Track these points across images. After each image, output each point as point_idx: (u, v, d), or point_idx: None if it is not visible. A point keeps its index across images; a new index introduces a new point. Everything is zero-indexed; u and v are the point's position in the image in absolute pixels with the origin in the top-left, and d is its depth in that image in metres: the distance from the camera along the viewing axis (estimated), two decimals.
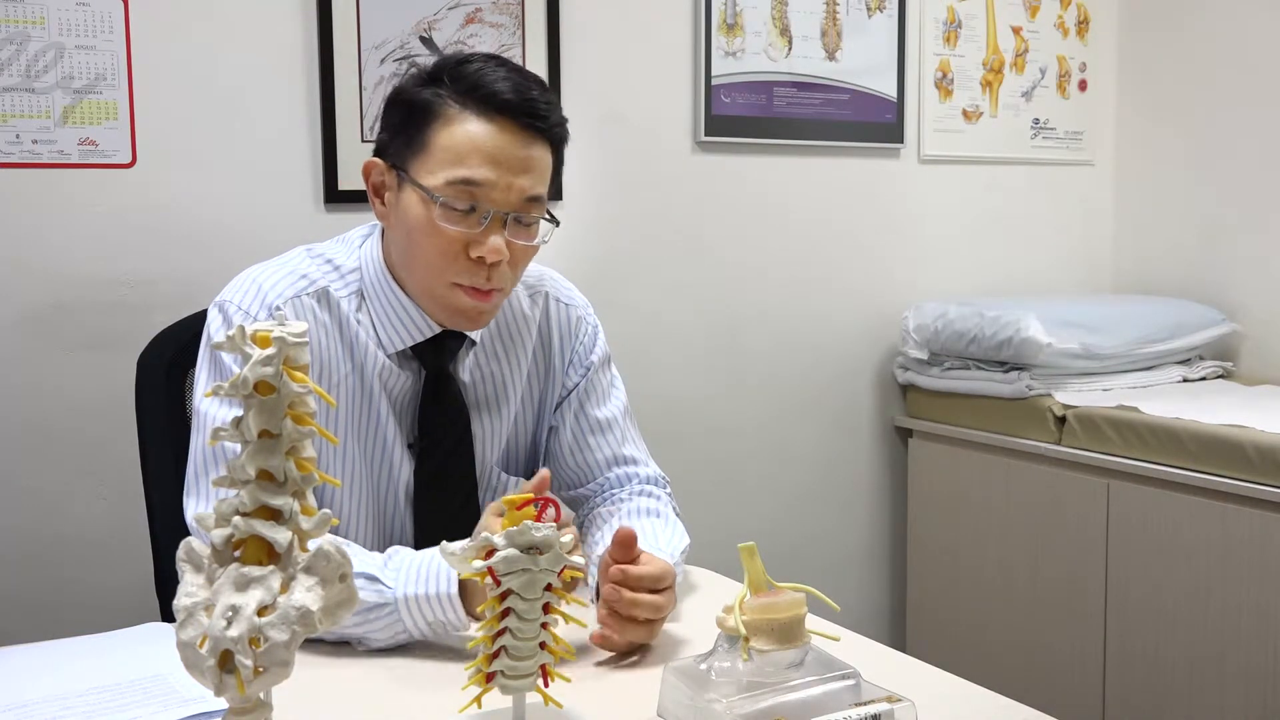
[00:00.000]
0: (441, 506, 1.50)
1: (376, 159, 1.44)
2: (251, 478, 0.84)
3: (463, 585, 1.25)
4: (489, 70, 1.38)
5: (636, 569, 1.26)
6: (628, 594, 1.23)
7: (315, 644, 1.27)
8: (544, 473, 1.31)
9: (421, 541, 1.49)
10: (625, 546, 1.27)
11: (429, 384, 1.48)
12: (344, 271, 1.47)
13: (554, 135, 1.42)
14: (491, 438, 1.55)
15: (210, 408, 1.37)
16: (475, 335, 1.51)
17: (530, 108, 1.38)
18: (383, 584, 1.26)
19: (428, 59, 1.45)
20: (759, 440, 2.73)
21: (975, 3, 2.92)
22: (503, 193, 1.37)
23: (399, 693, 1.19)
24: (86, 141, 1.98)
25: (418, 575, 1.26)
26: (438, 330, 1.46)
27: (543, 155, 1.40)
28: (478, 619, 1.24)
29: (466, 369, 1.51)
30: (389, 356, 1.46)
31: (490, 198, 1.36)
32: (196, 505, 1.36)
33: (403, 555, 1.30)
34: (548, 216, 1.43)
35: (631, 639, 1.25)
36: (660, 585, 1.27)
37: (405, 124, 1.40)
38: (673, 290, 2.59)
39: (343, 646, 1.29)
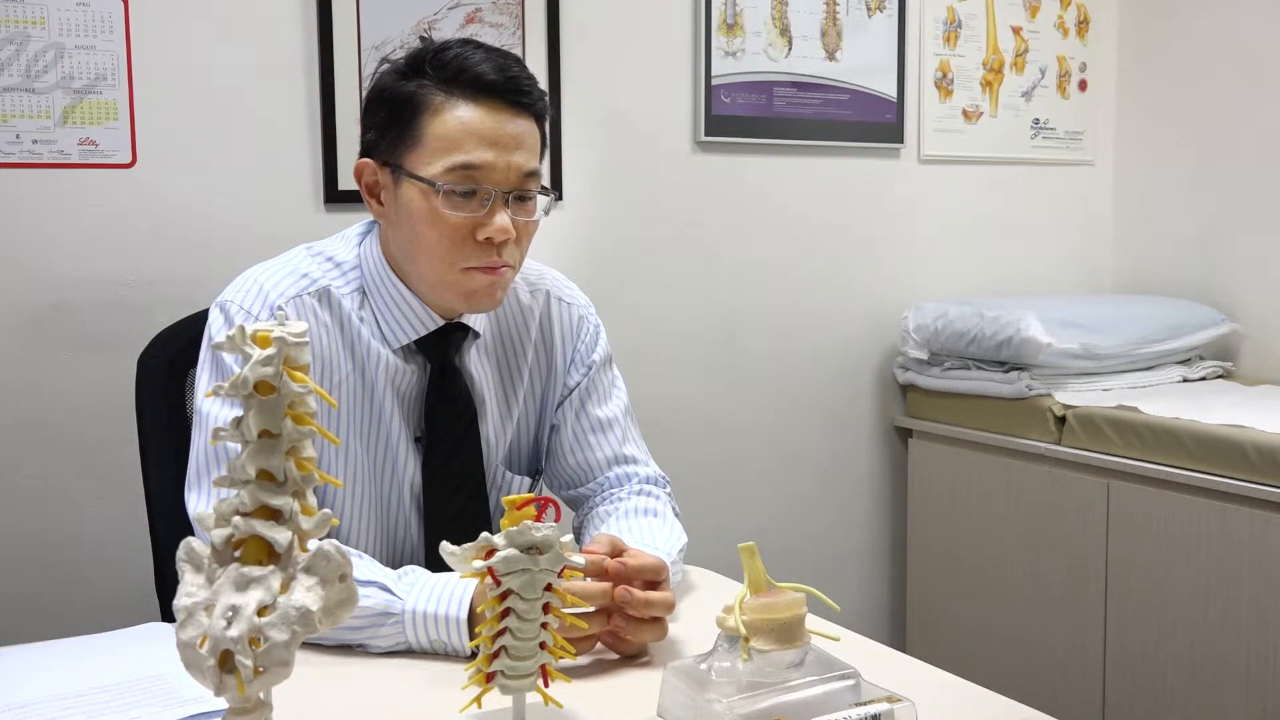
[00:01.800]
0: (448, 501, 1.50)
1: (367, 159, 1.45)
2: (251, 478, 0.84)
3: (474, 614, 1.24)
4: (468, 53, 1.40)
5: (636, 560, 1.26)
6: (640, 594, 1.23)
7: (315, 644, 1.27)
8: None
9: (428, 537, 1.49)
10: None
11: (435, 377, 1.48)
12: (345, 269, 1.47)
13: (538, 109, 1.44)
14: (496, 433, 1.55)
15: (211, 407, 1.37)
16: (479, 328, 1.51)
17: (515, 85, 1.40)
18: (394, 594, 1.27)
19: (400, 54, 1.46)
20: (759, 440, 2.73)
21: (975, 3, 2.92)
22: (502, 172, 1.38)
23: (399, 693, 1.19)
24: (86, 141, 1.98)
25: (430, 593, 1.26)
26: (441, 323, 1.47)
27: (531, 130, 1.42)
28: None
29: (471, 363, 1.52)
30: (394, 352, 1.46)
31: (490, 179, 1.38)
32: (199, 503, 1.37)
33: (418, 572, 1.31)
34: (544, 189, 1.44)
35: (644, 639, 1.25)
36: (658, 576, 1.27)
37: (392, 120, 1.41)
38: (673, 290, 2.59)
39: (342, 646, 1.29)
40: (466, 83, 1.38)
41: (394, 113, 1.41)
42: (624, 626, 1.24)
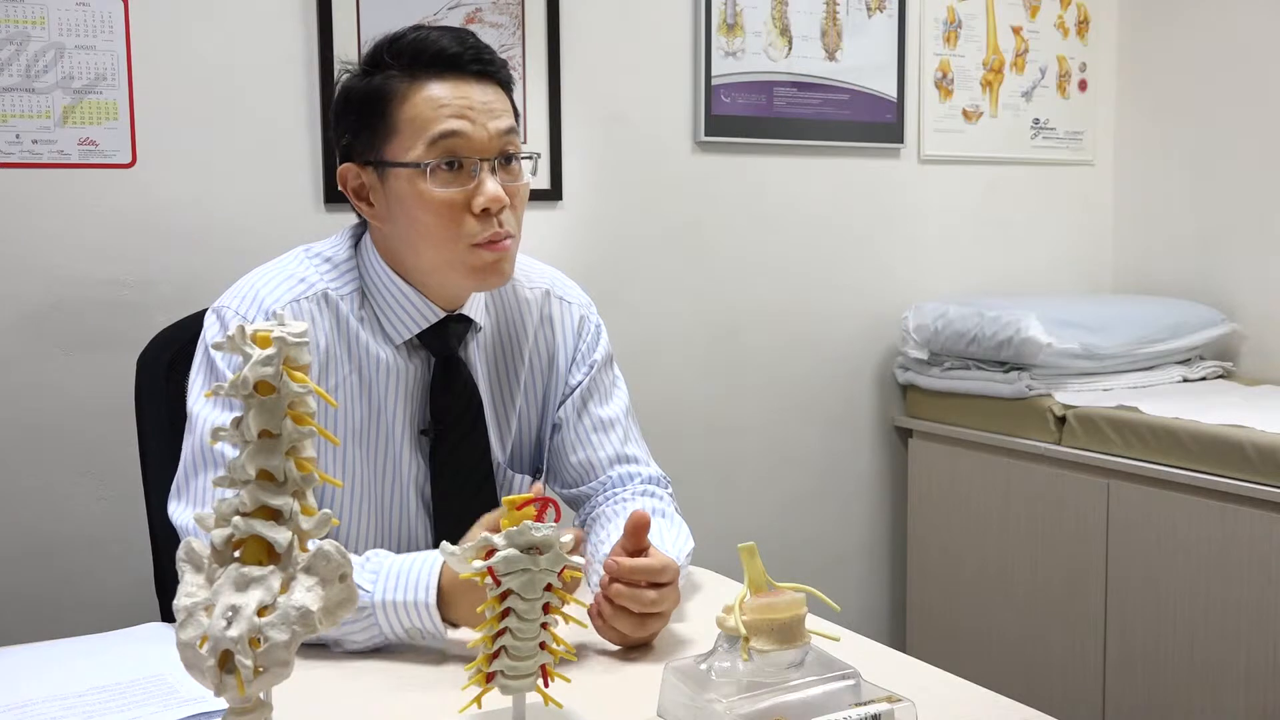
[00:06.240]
0: (456, 495, 1.49)
1: (347, 164, 1.45)
2: (251, 478, 0.84)
3: (442, 594, 1.25)
4: (424, 34, 1.42)
5: (630, 561, 1.26)
6: (619, 587, 1.24)
7: (314, 644, 1.27)
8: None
9: (437, 534, 1.49)
10: (636, 534, 1.28)
11: (439, 370, 1.48)
12: (342, 270, 1.47)
13: (502, 76, 1.45)
14: (500, 429, 1.55)
15: (203, 410, 1.36)
16: (480, 320, 1.51)
17: (476, 54, 1.42)
18: (360, 587, 1.26)
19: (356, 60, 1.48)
20: (759, 440, 2.73)
21: (975, 3, 2.92)
22: (481, 141, 1.40)
23: (399, 693, 1.19)
24: (86, 141, 1.98)
25: (396, 580, 1.26)
26: (442, 315, 1.47)
27: (500, 96, 1.44)
28: (455, 627, 1.24)
29: (473, 355, 1.52)
30: (396, 349, 1.46)
31: (471, 148, 1.39)
32: (185, 507, 1.36)
33: (381, 558, 1.31)
34: (526, 154, 1.45)
35: (623, 630, 1.25)
36: (660, 579, 1.26)
37: (365, 118, 1.42)
38: (673, 290, 2.59)
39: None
40: (428, 62, 1.40)
41: (364, 111, 1.42)
42: (605, 609, 1.24)
